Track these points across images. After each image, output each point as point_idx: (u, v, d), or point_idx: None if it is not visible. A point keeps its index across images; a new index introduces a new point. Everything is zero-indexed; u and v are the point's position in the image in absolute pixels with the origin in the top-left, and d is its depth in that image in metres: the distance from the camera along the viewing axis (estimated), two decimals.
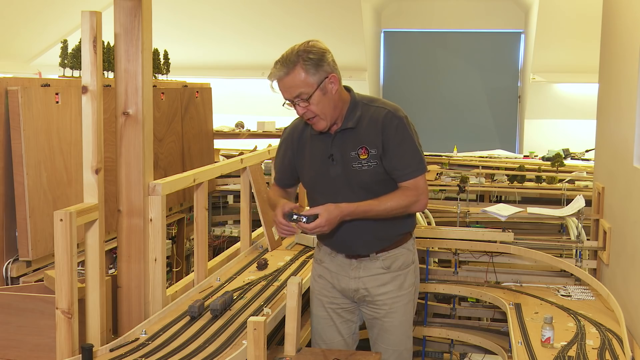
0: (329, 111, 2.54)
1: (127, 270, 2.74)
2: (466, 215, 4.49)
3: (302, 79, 2.49)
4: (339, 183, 2.60)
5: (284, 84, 2.51)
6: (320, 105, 2.52)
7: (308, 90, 2.49)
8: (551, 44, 8.16)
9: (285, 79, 2.50)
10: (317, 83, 2.50)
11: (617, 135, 3.54)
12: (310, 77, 2.49)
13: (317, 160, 2.65)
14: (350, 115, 2.59)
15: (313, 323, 2.85)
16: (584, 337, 2.92)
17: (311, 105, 2.51)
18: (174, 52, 5.23)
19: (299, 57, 2.50)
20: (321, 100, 2.51)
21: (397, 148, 2.55)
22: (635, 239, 3.13)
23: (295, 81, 2.49)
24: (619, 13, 3.68)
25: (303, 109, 2.53)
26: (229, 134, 6.32)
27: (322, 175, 2.64)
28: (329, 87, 2.53)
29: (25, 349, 2.64)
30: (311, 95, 2.49)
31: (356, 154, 2.57)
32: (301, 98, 2.50)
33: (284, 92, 2.53)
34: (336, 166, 2.60)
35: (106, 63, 3.84)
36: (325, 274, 2.77)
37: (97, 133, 2.50)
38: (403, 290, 2.73)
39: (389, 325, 2.73)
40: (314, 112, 2.52)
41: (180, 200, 4.78)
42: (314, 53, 2.51)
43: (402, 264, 2.72)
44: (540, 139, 8.75)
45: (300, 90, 2.49)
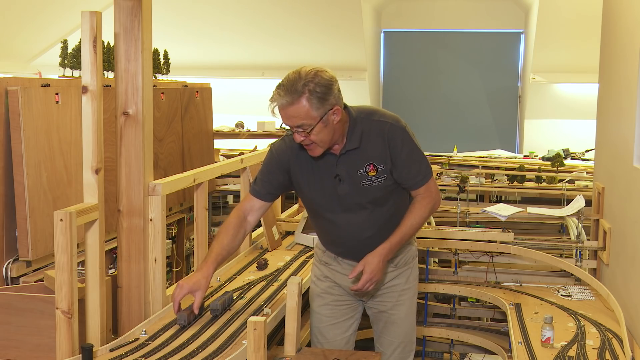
0: (327, 140, 2.49)
1: (127, 270, 2.74)
2: (466, 215, 4.49)
3: (305, 111, 2.40)
4: (348, 200, 2.59)
5: (285, 112, 2.43)
6: (321, 135, 2.46)
7: (310, 122, 2.42)
8: (551, 44, 8.16)
9: (288, 108, 2.42)
10: (320, 116, 2.42)
11: (617, 135, 3.54)
12: (314, 111, 2.41)
13: (321, 180, 2.60)
14: (352, 135, 2.54)
15: (314, 321, 2.86)
16: (584, 337, 2.92)
17: (312, 135, 2.45)
18: (174, 52, 5.23)
19: (305, 87, 2.39)
20: (321, 131, 2.45)
21: (407, 160, 2.55)
22: (635, 239, 3.13)
23: (299, 112, 2.41)
24: (619, 13, 3.68)
25: (302, 137, 2.47)
26: (229, 134, 6.33)
27: (329, 194, 2.60)
28: (331, 119, 2.46)
29: (25, 349, 2.64)
30: (313, 127, 2.44)
31: (364, 172, 2.55)
32: (302, 128, 2.44)
33: (285, 119, 2.46)
34: (344, 185, 2.57)
35: (106, 63, 3.84)
36: (333, 275, 2.79)
37: (97, 133, 2.50)
38: (409, 284, 2.79)
39: (396, 317, 2.77)
40: (312, 140, 2.47)
41: (180, 200, 4.78)
42: (321, 86, 2.41)
43: (408, 259, 2.80)
44: (540, 139, 8.75)
45: (302, 122, 2.42)
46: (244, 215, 2.68)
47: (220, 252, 2.61)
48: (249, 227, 2.71)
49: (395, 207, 2.65)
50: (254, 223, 2.73)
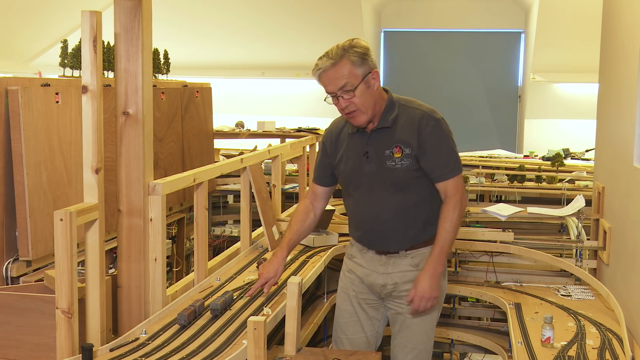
0: (370, 105, 2.61)
1: (127, 270, 2.73)
2: (466, 215, 4.49)
3: (348, 69, 2.55)
4: (372, 180, 2.68)
5: (329, 76, 2.57)
6: (364, 98, 2.58)
7: (354, 81, 2.56)
8: (551, 43, 8.16)
9: (331, 70, 2.56)
10: (362, 75, 2.57)
11: (617, 135, 3.54)
12: (357, 69, 2.56)
13: (352, 157, 2.72)
14: (387, 114, 2.66)
15: (337, 318, 2.91)
16: (584, 337, 2.93)
17: (355, 97, 2.57)
18: (174, 52, 5.23)
19: (345, 50, 2.56)
20: (364, 93, 2.58)
21: (435, 148, 2.62)
22: (635, 238, 3.13)
23: (342, 71, 2.55)
24: (619, 13, 3.68)
25: (346, 102, 2.58)
26: (229, 133, 6.32)
27: (356, 171, 2.72)
28: (371, 82, 2.61)
29: (26, 349, 2.64)
30: (356, 86, 2.56)
31: (390, 152, 2.63)
32: (345, 90, 2.56)
33: (329, 84, 2.59)
34: (371, 163, 2.67)
35: (106, 63, 3.84)
36: (355, 269, 2.85)
37: (97, 133, 2.50)
38: None
39: (410, 321, 2.77)
40: (356, 105, 2.58)
41: (181, 200, 4.78)
42: (360, 47, 2.58)
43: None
44: (540, 138, 8.75)
45: (345, 81, 2.55)
46: (310, 202, 2.90)
47: (291, 237, 2.86)
48: (317, 212, 2.91)
49: (417, 198, 2.68)
50: (321, 207, 2.94)
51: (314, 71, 2.60)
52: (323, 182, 2.89)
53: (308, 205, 2.91)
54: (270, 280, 2.80)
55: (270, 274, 2.80)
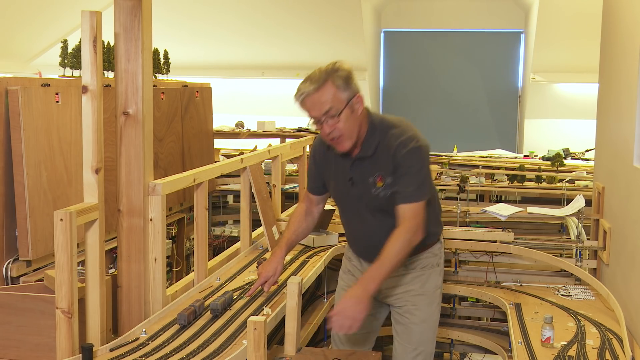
0: (355, 130, 2.54)
1: (127, 270, 2.73)
2: (466, 215, 4.49)
3: (332, 94, 2.48)
4: (359, 203, 2.67)
5: (313, 100, 2.49)
6: (348, 123, 2.51)
7: (338, 106, 2.48)
8: (551, 43, 8.16)
9: (315, 95, 2.48)
10: (347, 100, 2.50)
11: (617, 135, 3.54)
12: (341, 93, 2.49)
13: (339, 180, 2.70)
14: (368, 141, 2.59)
15: None
16: (584, 337, 2.92)
17: (340, 123, 2.49)
18: (174, 52, 5.23)
19: (328, 74, 2.49)
20: (349, 118, 2.51)
21: (402, 172, 2.54)
22: (635, 238, 3.13)
23: (326, 96, 2.48)
24: (619, 13, 3.68)
25: (331, 127, 2.51)
26: (229, 133, 6.32)
27: (343, 194, 2.71)
28: (356, 106, 2.53)
29: (26, 349, 2.64)
30: (341, 111, 2.49)
31: (373, 181, 2.59)
32: (330, 115, 2.48)
33: (313, 110, 2.51)
34: (356, 189, 2.64)
35: (106, 63, 3.84)
36: (353, 271, 2.89)
37: (97, 133, 2.50)
38: (424, 290, 2.78)
39: (409, 322, 2.78)
40: (341, 130, 2.51)
41: (181, 200, 4.78)
42: (343, 71, 2.51)
43: (426, 265, 2.79)
44: (540, 138, 8.75)
45: (330, 106, 2.48)
46: (307, 206, 2.91)
47: (290, 236, 2.86)
48: (316, 214, 2.92)
49: None
50: (319, 210, 2.93)
51: (297, 96, 2.52)
52: (317, 191, 2.88)
53: (306, 207, 2.92)
54: (269, 279, 2.80)
55: (269, 272, 2.80)
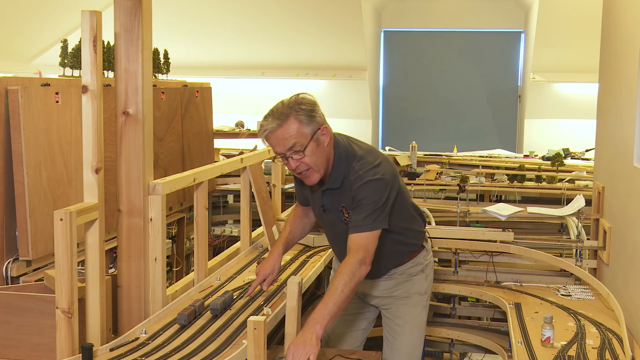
0: (322, 163, 2.51)
1: (127, 270, 2.74)
2: (466, 214, 4.49)
3: (296, 129, 2.42)
4: (332, 228, 2.73)
5: (276, 136, 2.43)
6: (315, 157, 2.47)
7: (302, 140, 2.43)
8: (551, 43, 8.16)
9: (278, 131, 2.42)
10: (311, 134, 2.44)
11: (617, 134, 3.54)
12: (305, 128, 2.43)
13: (315, 203, 2.74)
14: (335, 173, 2.57)
15: None
16: (584, 337, 2.92)
17: (305, 157, 2.45)
18: (174, 52, 5.23)
19: (291, 108, 2.43)
20: (315, 151, 2.46)
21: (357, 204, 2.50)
22: (635, 238, 3.13)
23: (289, 131, 2.42)
24: (619, 13, 3.68)
25: (297, 162, 2.46)
26: (229, 133, 6.31)
27: (319, 217, 2.77)
28: (321, 139, 2.48)
29: (26, 349, 2.64)
30: (306, 146, 2.43)
31: (340, 211, 2.61)
32: (295, 150, 2.43)
33: (277, 146, 2.45)
34: (328, 215, 2.68)
35: (106, 62, 3.84)
36: None
37: (97, 133, 2.50)
38: (409, 294, 2.80)
39: (396, 325, 2.80)
40: (307, 164, 2.46)
41: (181, 199, 4.78)
42: (306, 104, 2.45)
43: (411, 272, 2.82)
44: (540, 138, 8.74)
45: (294, 141, 2.42)
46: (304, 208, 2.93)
47: (287, 236, 2.90)
48: (312, 217, 2.93)
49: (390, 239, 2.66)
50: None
51: (260, 132, 2.46)
52: (305, 203, 2.90)
53: (303, 210, 2.95)
54: (267, 277, 2.81)
55: (267, 271, 2.80)
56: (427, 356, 4.20)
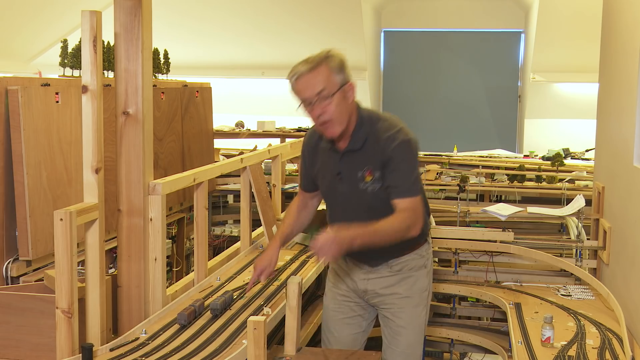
0: (345, 117, 2.52)
1: (127, 270, 2.74)
2: (466, 214, 4.49)
3: (327, 75, 2.48)
4: (345, 199, 2.64)
5: (306, 80, 2.48)
6: (339, 108, 2.49)
7: (331, 88, 2.48)
8: (551, 43, 8.16)
9: (308, 75, 2.48)
10: (340, 84, 2.50)
11: (617, 134, 3.54)
12: (335, 76, 2.49)
13: (327, 175, 2.68)
14: (357, 134, 2.58)
15: (324, 315, 2.91)
16: (584, 337, 2.92)
17: (331, 105, 2.47)
18: (174, 52, 5.23)
19: (323, 57, 2.51)
20: (340, 103, 2.50)
21: (394, 167, 2.52)
22: (635, 238, 3.13)
23: (320, 77, 2.47)
24: (619, 13, 3.68)
25: (321, 109, 2.48)
26: (229, 133, 6.32)
27: (332, 189, 2.68)
28: (348, 94, 2.53)
29: (26, 349, 2.64)
30: (333, 94, 2.47)
31: (362, 175, 2.57)
32: (322, 96, 2.47)
33: (305, 90, 2.49)
34: (344, 184, 2.62)
35: (106, 62, 3.84)
36: (339, 270, 2.86)
37: (97, 133, 2.50)
38: (412, 292, 2.75)
39: (396, 325, 2.76)
40: (331, 114, 2.48)
41: (181, 199, 4.78)
42: (338, 57, 2.52)
43: (413, 267, 2.76)
44: (541, 138, 8.74)
45: (323, 86, 2.47)
46: (303, 200, 2.90)
47: (284, 230, 2.86)
48: (311, 208, 2.91)
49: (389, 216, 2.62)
50: (315, 205, 2.92)
51: (290, 76, 2.50)
52: (309, 188, 2.85)
53: (301, 201, 2.90)
54: (265, 270, 2.75)
55: (264, 263, 2.75)
56: (427, 356, 4.20)
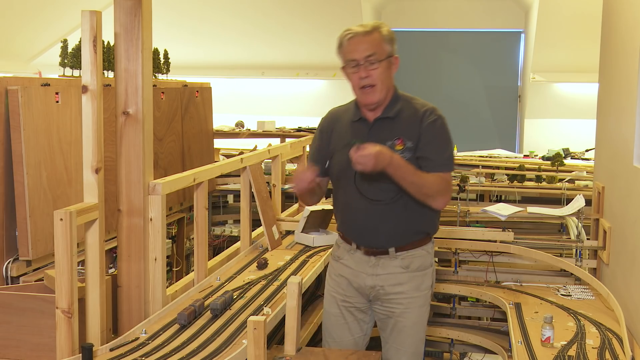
0: (386, 86, 2.62)
1: (127, 270, 2.74)
2: (466, 214, 4.49)
3: (379, 41, 2.58)
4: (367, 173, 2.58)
5: (359, 41, 2.58)
6: (383, 75, 2.60)
7: (380, 54, 2.58)
8: (551, 43, 8.16)
9: (362, 37, 2.57)
10: (389, 54, 2.61)
11: (617, 134, 3.54)
12: (385, 45, 2.60)
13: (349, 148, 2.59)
14: (391, 106, 2.67)
15: (324, 320, 2.88)
16: (584, 337, 2.92)
17: (377, 70, 2.57)
18: (174, 52, 5.23)
19: (378, 26, 2.61)
20: (385, 71, 2.60)
21: (432, 140, 2.62)
22: (635, 238, 3.13)
23: (374, 41, 2.57)
24: (619, 13, 3.68)
25: (366, 73, 2.58)
26: (229, 133, 6.32)
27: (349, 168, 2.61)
28: (392, 66, 2.64)
29: (26, 349, 2.64)
30: (381, 60, 2.57)
31: (392, 144, 2.61)
32: (371, 60, 2.56)
33: (356, 51, 2.57)
34: None
35: (106, 62, 3.84)
36: (342, 271, 2.79)
37: (97, 132, 2.50)
38: (419, 292, 2.75)
39: (402, 325, 2.74)
40: (375, 79, 2.58)
41: (181, 199, 4.78)
42: (390, 30, 2.64)
43: (421, 265, 2.75)
44: (540, 138, 8.74)
45: (374, 50, 2.57)
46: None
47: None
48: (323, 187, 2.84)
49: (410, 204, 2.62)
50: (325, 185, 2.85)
51: (344, 35, 2.60)
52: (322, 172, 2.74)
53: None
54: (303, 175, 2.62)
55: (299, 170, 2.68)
56: (427, 356, 4.20)
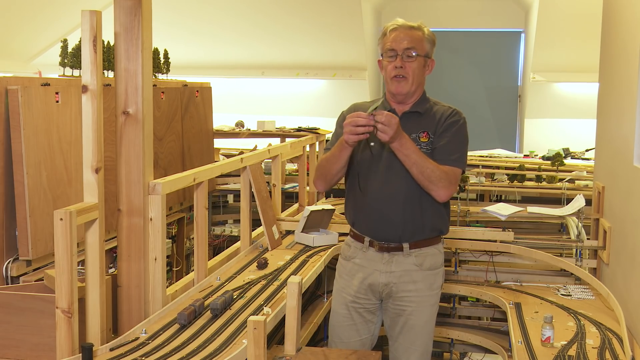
0: (417, 82, 2.74)
1: (127, 270, 2.74)
2: (466, 214, 4.49)
3: (420, 39, 2.72)
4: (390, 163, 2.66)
5: (402, 34, 2.70)
6: (418, 71, 2.72)
7: (420, 50, 2.71)
8: (551, 43, 8.16)
9: (407, 30, 2.70)
10: (427, 53, 2.75)
11: (617, 134, 3.54)
12: (426, 44, 2.74)
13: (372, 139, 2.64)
14: (420, 103, 2.79)
15: (331, 320, 2.89)
16: (584, 337, 2.92)
17: (413, 64, 2.69)
18: (174, 52, 5.23)
19: (423, 26, 2.76)
20: (420, 68, 2.73)
21: (448, 135, 2.72)
22: (635, 238, 3.13)
23: (415, 37, 2.71)
24: (619, 13, 3.68)
25: (402, 63, 2.68)
26: (229, 133, 6.31)
27: (377, 154, 2.70)
28: (428, 66, 2.77)
29: (25, 349, 2.64)
30: (419, 56, 2.70)
31: (417, 137, 2.69)
32: (409, 53, 2.69)
33: (397, 41, 2.69)
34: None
35: (106, 62, 3.84)
36: (353, 271, 2.81)
37: (97, 132, 2.50)
38: (431, 291, 2.79)
39: (413, 323, 2.76)
40: (409, 72, 2.69)
41: (181, 199, 4.78)
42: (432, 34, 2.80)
43: (433, 263, 2.78)
44: (541, 138, 8.74)
45: (414, 45, 2.70)
46: None
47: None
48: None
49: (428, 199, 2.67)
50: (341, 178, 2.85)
51: (389, 25, 2.71)
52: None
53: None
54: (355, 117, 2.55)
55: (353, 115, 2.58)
56: None
